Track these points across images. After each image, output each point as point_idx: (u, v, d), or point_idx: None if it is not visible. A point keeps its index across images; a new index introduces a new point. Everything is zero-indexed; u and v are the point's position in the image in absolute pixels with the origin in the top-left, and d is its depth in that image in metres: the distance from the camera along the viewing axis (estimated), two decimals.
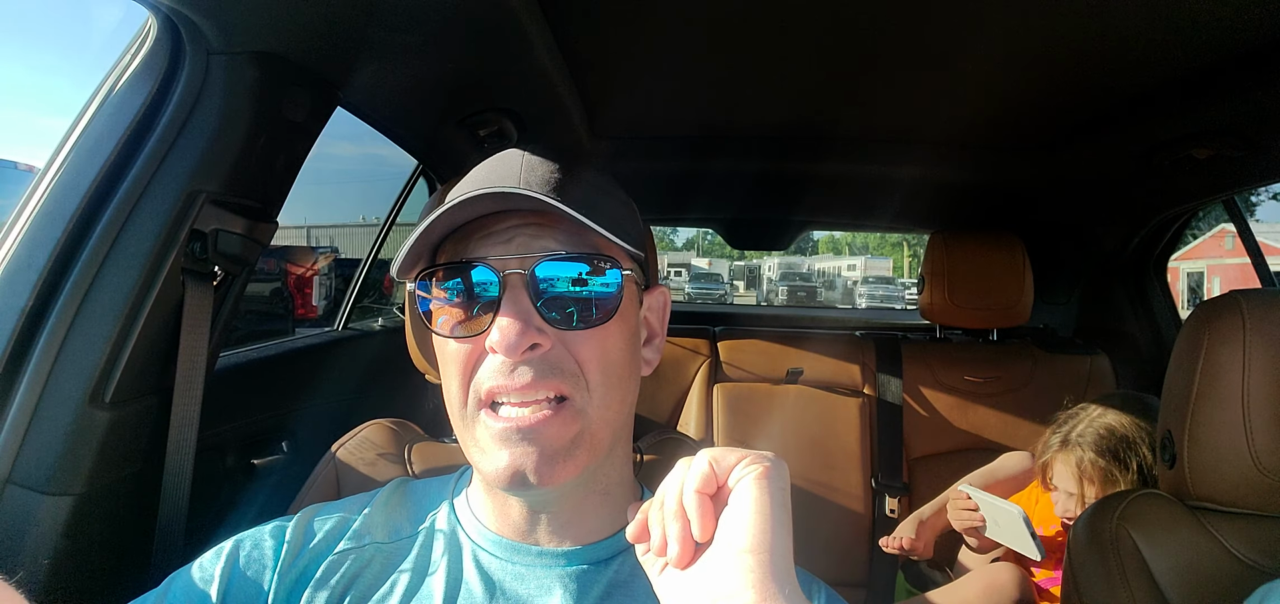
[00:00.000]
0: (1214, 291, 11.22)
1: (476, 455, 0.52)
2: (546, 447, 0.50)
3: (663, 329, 0.63)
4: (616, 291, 0.53)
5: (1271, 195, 10.99)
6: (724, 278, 27.28)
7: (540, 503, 0.55)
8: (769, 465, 0.43)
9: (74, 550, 0.73)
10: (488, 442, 0.51)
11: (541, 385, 0.50)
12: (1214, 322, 0.77)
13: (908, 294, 20.14)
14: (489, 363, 0.51)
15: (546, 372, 0.50)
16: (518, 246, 0.52)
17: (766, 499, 0.41)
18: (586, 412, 0.52)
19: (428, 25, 0.92)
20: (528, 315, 0.50)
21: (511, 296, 0.50)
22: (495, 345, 0.49)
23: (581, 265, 0.52)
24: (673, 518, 0.42)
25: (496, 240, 0.52)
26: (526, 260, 0.51)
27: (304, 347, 1.51)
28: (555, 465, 0.50)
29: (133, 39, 0.80)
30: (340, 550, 0.57)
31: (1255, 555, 0.75)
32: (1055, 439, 1.35)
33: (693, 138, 1.67)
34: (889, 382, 1.87)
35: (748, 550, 0.39)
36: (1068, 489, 1.31)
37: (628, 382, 0.56)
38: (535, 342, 0.50)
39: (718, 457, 0.43)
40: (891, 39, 1.08)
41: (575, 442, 0.51)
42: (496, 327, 0.49)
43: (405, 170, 1.69)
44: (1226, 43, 1.02)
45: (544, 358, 0.50)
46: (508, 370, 0.50)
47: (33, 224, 0.75)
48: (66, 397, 0.73)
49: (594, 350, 0.52)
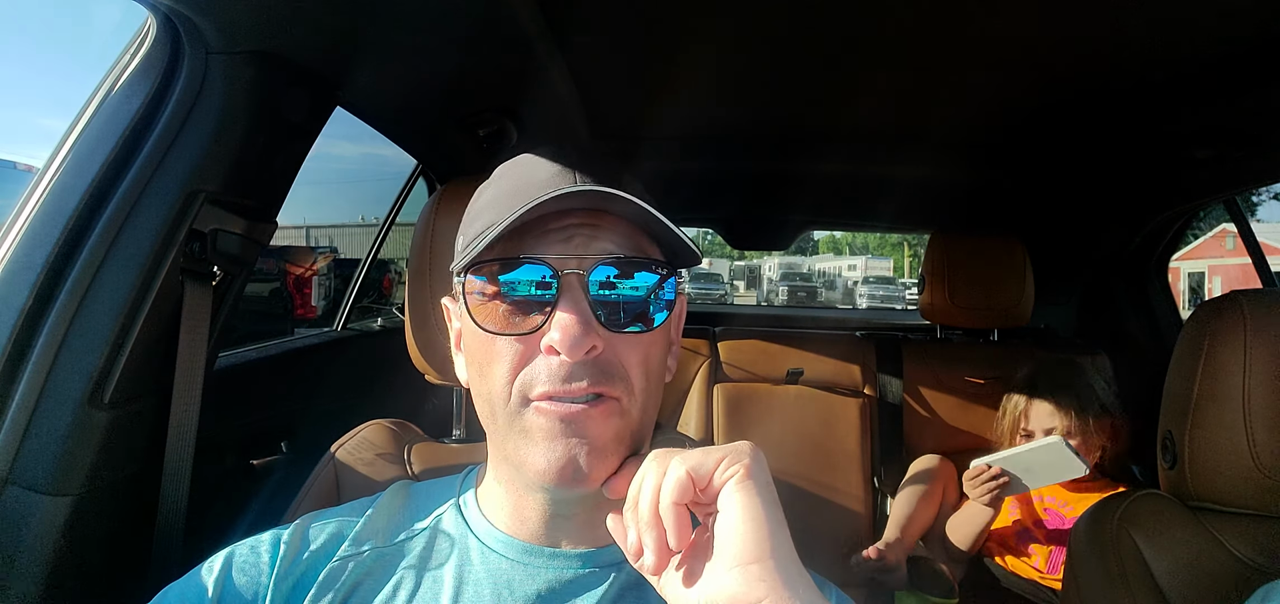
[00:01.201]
0: (1215, 292, 11.21)
1: (524, 450, 0.51)
2: (595, 440, 0.49)
3: (680, 337, 0.63)
4: (671, 297, 0.53)
5: (1272, 195, 10.98)
6: (724, 278, 27.27)
7: (567, 505, 0.55)
8: (749, 463, 0.42)
9: (73, 551, 0.73)
10: (539, 435, 0.50)
11: (593, 390, 0.49)
12: (1215, 322, 0.77)
13: (908, 294, 20.14)
14: (542, 364, 0.50)
15: (599, 376, 0.49)
16: (576, 246, 0.51)
17: (756, 502, 0.41)
18: (630, 413, 0.51)
19: (428, 25, 0.92)
20: (587, 316, 0.49)
21: (571, 297, 0.49)
22: (556, 344, 0.48)
23: (641, 270, 0.52)
24: (647, 526, 0.42)
25: (555, 238, 0.51)
26: (585, 261, 0.50)
27: (303, 347, 1.51)
28: (604, 460, 0.50)
29: (132, 39, 0.80)
30: (340, 556, 0.56)
31: (1256, 556, 0.75)
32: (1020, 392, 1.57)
33: (693, 138, 1.67)
34: (889, 382, 1.86)
35: (752, 562, 0.39)
36: (1044, 428, 1.49)
37: (661, 388, 0.56)
38: (594, 343, 0.49)
39: (695, 464, 0.43)
40: (891, 39, 1.08)
41: (618, 438, 0.51)
42: (558, 326, 0.48)
43: (405, 170, 1.69)
44: (1226, 43, 1.01)
45: (597, 361, 0.50)
46: (563, 374, 0.49)
47: (32, 224, 0.74)
48: (65, 397, 0.73)
49: (640, 354, 0.52)
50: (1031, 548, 1.47)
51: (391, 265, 3.06)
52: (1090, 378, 1.52)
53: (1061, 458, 1.33)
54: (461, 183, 0.92)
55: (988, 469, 1.40)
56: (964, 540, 1.50)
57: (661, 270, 0.53)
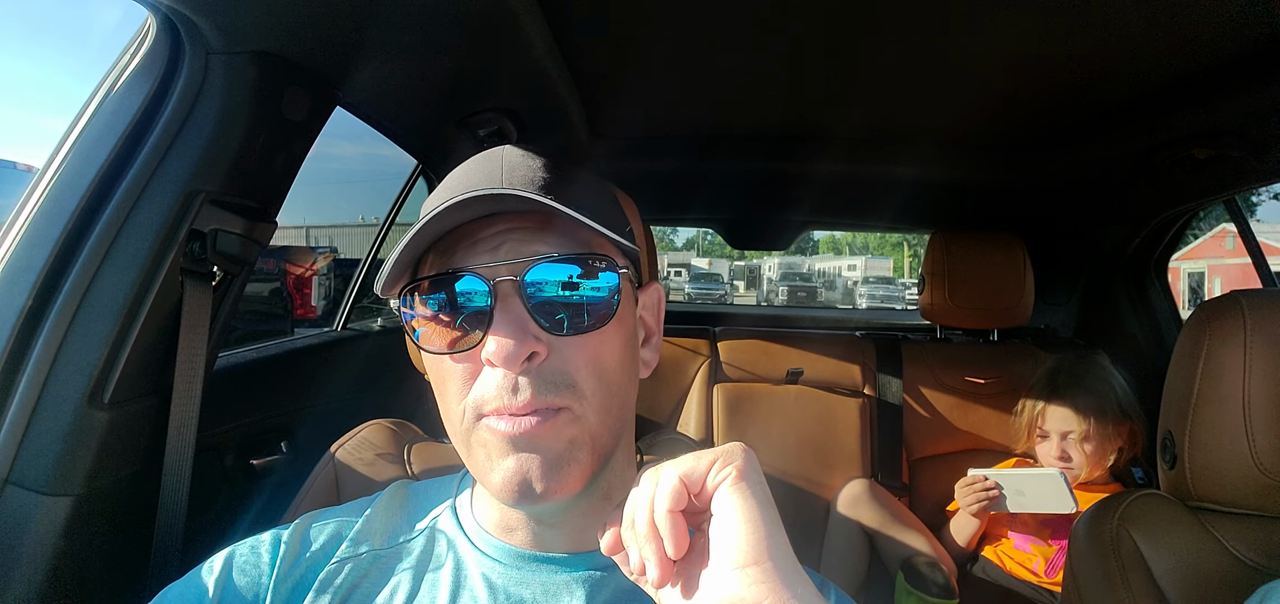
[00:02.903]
0: (1215, 292, 11.21)
1: (482, 467, 0.50)
2: (547, 452, 0.48)
3: (659, 328, 0.62)
4: (612, 293, 0.51)
5: (1272, 195, 10.99)
6: (724, 278, 27.28)
7: (547, 514, 0.54)
8: (742, 464, 0.42)
9: (72, 551, 0.73)
10: (493, 451, 0.49)
11: (540, 402, 0.48)
12: (1215, 322, 0.77)
13: (908, 294, 20.15)
14: (487, 378, 0.48)
15: (545, 387, 0.48)
16: (507, 252, 0.49)
17: (752, 504, 0.40)
18: (586, 419, 0.50)
19: (427, 25, 0.92)
20: (523, 324, 0.47)
21: (504, 306, 0.48)
22: (492, 357, 0.47)
23: (575, 267, 0.49)
24: (646, 540, 0.41)
25: (484, 248, 0.50)
26: (517, 266, 0.48)
27: (303, 347, 1.50)
28: (559, 472, 0.48)
29: (132, 39, 0.80)
30: (339, 557, 0.56)
31: (1256, 556, 0.75)
32: (1039, 395, 1.55)
33: (692, 138, 1.67)
34: (889, 382, 1.86)
35: (750, 564, 0.39)
36: (1061, 430, 1.48)
37: (627, 386, 0.54)
38: (533, 350, 0.48)
39: (686, 470, 0.42)
40: (891, 39, 1.08)
41: (574, 445, 0.49)
42: (492, 338, 0.47)
43: (405, 170, 1.69)
44: (1226, 43, 1.01)
45: (541, 369, 0.48)
46: (508, 388, 0.47)
47: (32, 224, 0.75)
48: (65, 397, 0.73)
49: (590, 356, 0.50)
50: (1030, 550, 1.47)
51: None
52: (1111, 379, 1.49)
53: (1056, 492, 1.35)
54: None
55: (984, 479, 1.44)
56: (952, 545, 1.55)
57: (600, 264, 0.51)
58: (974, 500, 1.46)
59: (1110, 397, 1.46)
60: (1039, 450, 1.55)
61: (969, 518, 1.50)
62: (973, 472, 1.47)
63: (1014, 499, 1.42)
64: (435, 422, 0.57)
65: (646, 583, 0.43)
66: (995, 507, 1.44)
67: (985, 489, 1.44)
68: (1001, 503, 1.43)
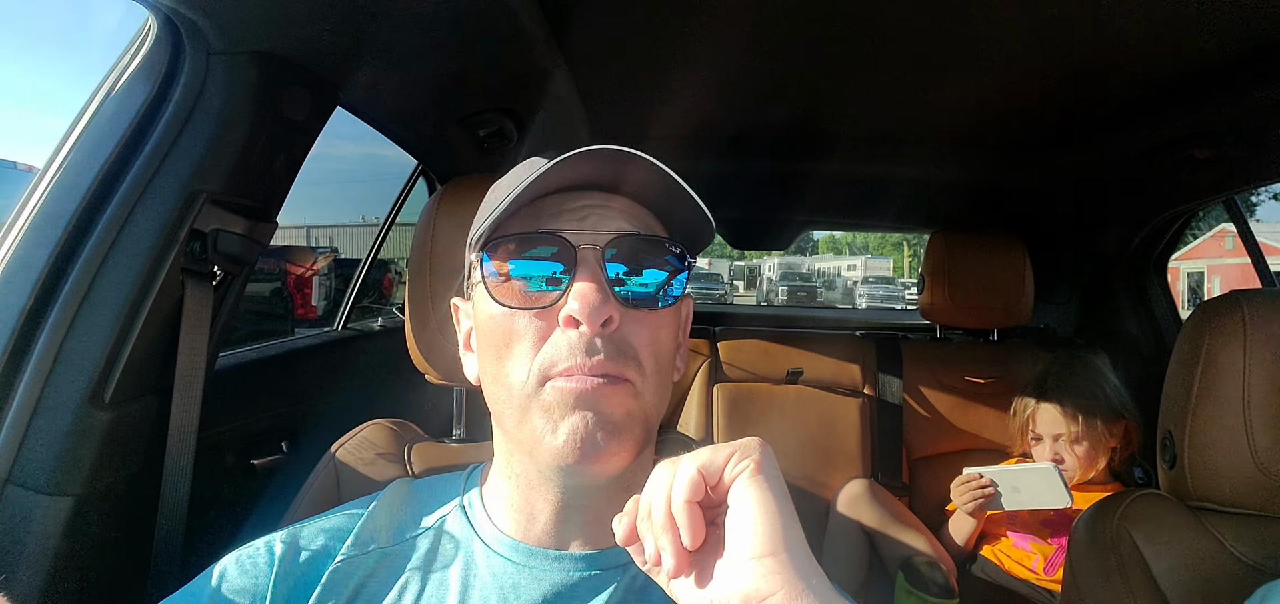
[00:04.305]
0: (1214, 292, 11.21)
1: (540, 431, 0.50)
2: (609, 416, 0.49)
3: (686, 338, 0.63)
4: (682, 278, 0.54)
5: (1272, 195, 10.99)
6: (724, 278, 27.26)
7: (579, 496, 0.54)
8: (759, 458, 0.42)
9: (73, 551, 0.73)
10: (557, 410, 0.49)
11: (611, 366, 0.50)
12: (1215, 322, 0.77)
13: (908, 294, 20.14)
14: (558, 339, 0.50)
15: (615, 354, 0.50)
16: (592, 223, 0.52)
17: (769, 497, 0.40)
18: (644, 395, 0.52)
19: (428, 25, 0.92)
20: (604, 288, 0.50)
21: (588, 269, 0.50)
22: (576, 313, 0.48)
23: (652, 248, 0.53)
24: (663, 530, 0.41)
25: (571, 216, 0.52)
26: (600, 236, 0.51)
27: (304, 347, 1.50)
28: (618, 438, 0.50)
29: (132, 39, 0.80)
30: (345, 556, 0.56)
31: (1256, 556, 0.75)
32: (1030, 397, 1.55)
33: (693, 139, 1.67)
34: (889, 382, 1.86)
35: (766, 555, 0.39)
36: (1052, 432, 1.49)
37: (670, 377, 0.56)
38: (610, 314, 0.49)
39: (705, 462, 0.42)
40: (892, 39, 1.08)
41: (631, 417, 0.51)
42: (576, 295, 0.49)
43: (405, 170, 1.69)
44: (1226, 43, 1.02)
45: (612, 338, 0.50)
46: (582, 347, 0.49)
47: (32, 224, 0.74)
48: (66, 397, 0.73)
49: (651, 336, 0.52)
50: (1030, 548, 1.48)
51: (391, 265, 3.06)
52: (1101, 380, 1.50)
53: (1050, 486, 1.36)
54: (462, 182, 0.92)
55: (979, 477, 1.44)
56: (951, 545, 1.55)
57: (674, 248, 0.54)
58: (969, 499, 1.46)
59: (1100, 397, 1.47)
60: (1033, 453, 1.56)
61: (966, 517, 1.50)
62: (967, 470, 1.47)
63: (1010, 496, 1.41)
64: (436, 422, 0.57)
65: (661, 574, 0.43)
66: (991, 505, 1.44)
67: (980, 487, 1.44)
68: (997, 500, 1.43)
